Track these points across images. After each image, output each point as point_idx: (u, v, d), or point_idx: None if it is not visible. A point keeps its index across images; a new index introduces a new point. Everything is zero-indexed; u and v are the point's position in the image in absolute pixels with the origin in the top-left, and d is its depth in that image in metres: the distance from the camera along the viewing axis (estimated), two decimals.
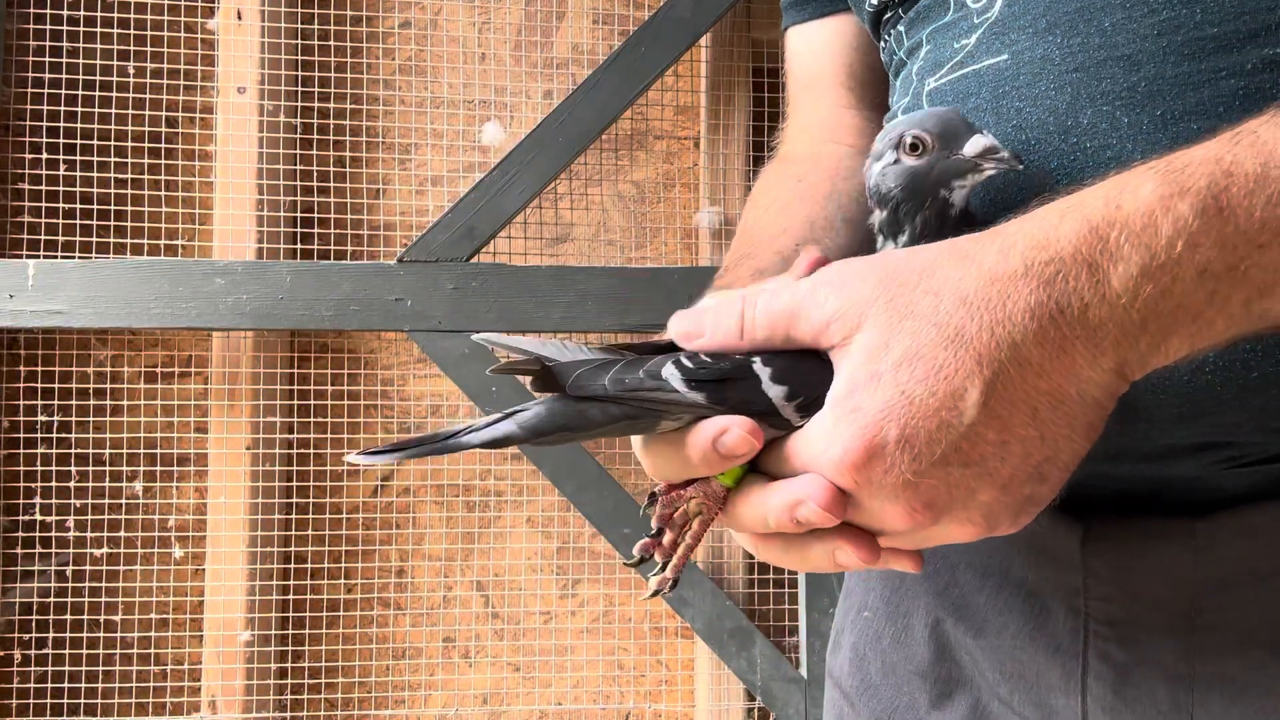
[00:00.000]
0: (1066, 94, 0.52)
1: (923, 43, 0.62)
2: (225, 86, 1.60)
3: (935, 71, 0.60)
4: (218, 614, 1.55)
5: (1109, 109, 0.51)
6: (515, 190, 1.52)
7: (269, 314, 1.49)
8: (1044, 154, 0.53)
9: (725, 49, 1.70)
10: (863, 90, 0.77)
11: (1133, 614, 0.54)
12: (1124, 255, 0.40)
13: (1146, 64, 0.50)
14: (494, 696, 1.66)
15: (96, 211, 1.58)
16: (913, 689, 0.65)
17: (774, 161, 0.79)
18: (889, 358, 0.41)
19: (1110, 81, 0.51)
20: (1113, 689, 0.55)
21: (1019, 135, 0.54)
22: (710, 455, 0.45)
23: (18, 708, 1.55)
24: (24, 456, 1.57)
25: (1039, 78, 0.53)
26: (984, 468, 0.42)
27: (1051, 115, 0.52)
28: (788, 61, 0.83)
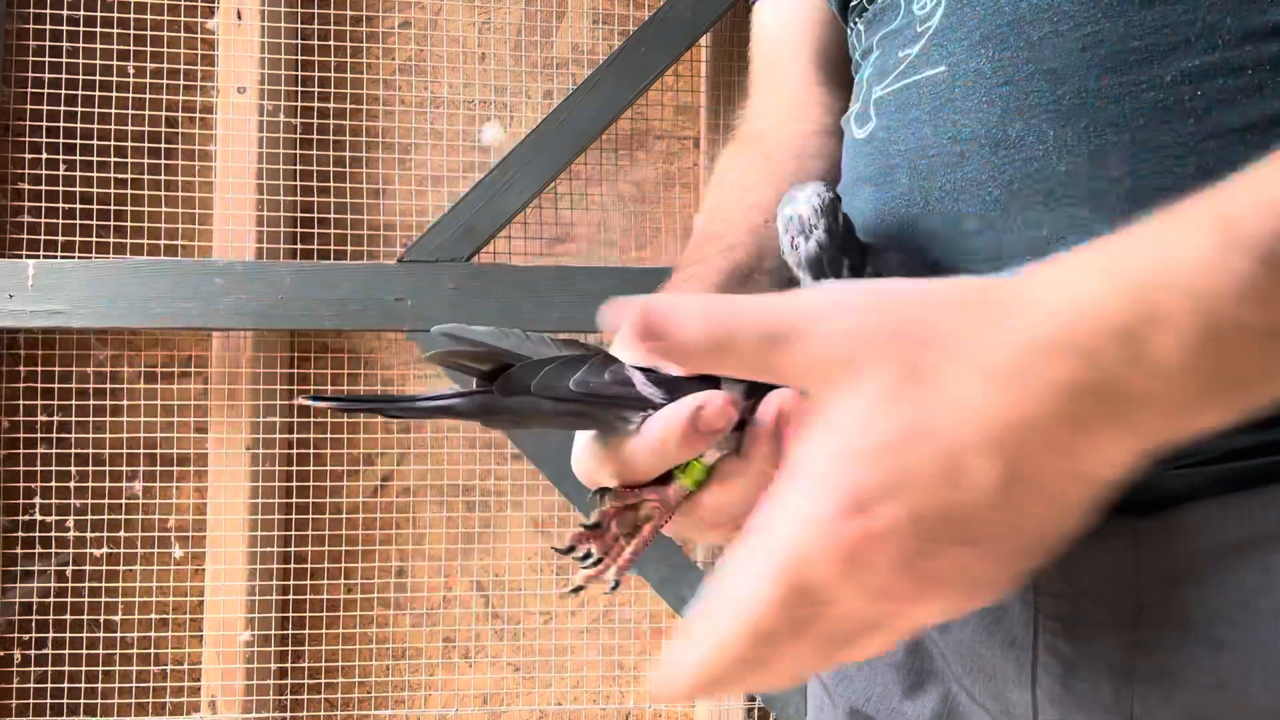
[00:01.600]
0: (997, 107, 0.52)
1: (873, 48, 0.62)
2: (225, 86, 1.60)
3: (882, 80, 0.60)
4: (218, 614, 1.55)
5: (1036, 122, 0.51)
6: (515, 190, 1.52)
7: (269, 314, 1.49)
8: (977, 166, 0.53)
9: (725, 49, 1.70)
10: (832, 68, 0.76)
11: (1080, 610, 0.55)
12: (1177, 324, 0.34)
13: (1071, 77, 0.50)
14: (494, 696, 1.66)
15: (96, 211, 1.58)
16: (887, 679, 0.66)
17: (736, 142, 0.77)
18: (892, 426, 0.36)
19: (1037, 95, 0.51)
20: (1060, 682, 0.55)
21: (954, 148, 0.54)
22: (689, 434, 0.42)
23: (18, 708, 1.55)
24: (24, 456, 1.57)
25: (972, 90, 0.54)
26: (992, 548, 0.37)
27: (984, 128, 0.53)
28: (754, 37, 0.82)
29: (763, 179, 0.70)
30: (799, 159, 0.71)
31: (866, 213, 0.60)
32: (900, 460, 0.36)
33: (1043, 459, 0.36)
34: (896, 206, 0.58)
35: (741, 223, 0.66)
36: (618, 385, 0.43)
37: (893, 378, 0.37)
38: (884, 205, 0.58)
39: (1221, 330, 0.34)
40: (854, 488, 0.36)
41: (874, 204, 0.59)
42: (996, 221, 0.52)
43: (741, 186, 0.70)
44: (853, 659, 0.40)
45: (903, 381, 0.36)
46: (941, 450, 0.36)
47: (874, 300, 0.39)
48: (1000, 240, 0.52)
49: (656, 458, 0.44)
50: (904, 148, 0.57)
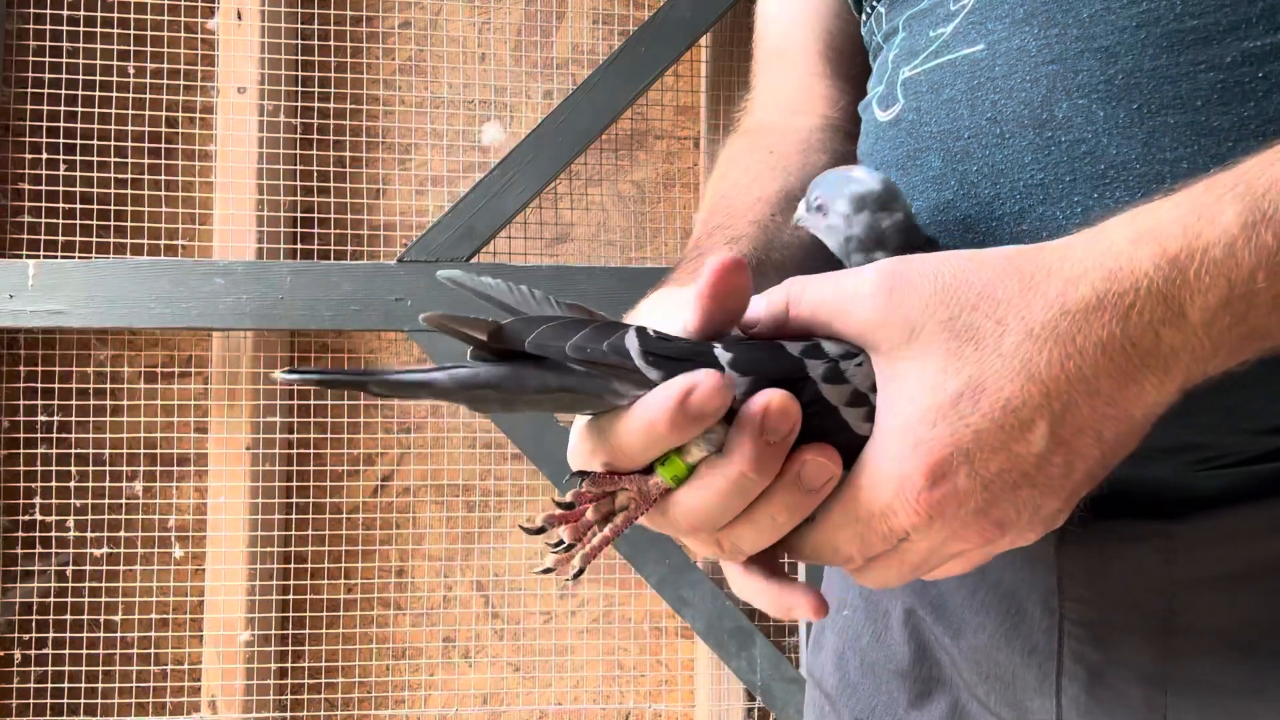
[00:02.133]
0: (1042, 86, 0.51)
1: (899, 29, 0.60)
2: (225, 86, 1.60)
3: (910, 60, 0.58)
4: (218, 614, 1.55)
5: (1085, 102, 0.49)
6: (515, 190, 1.52)
7: (269, 314, 1.49)
8: (1019, 148, 0.51)
9: (725, 49, 1.70)
10: (839, 60, 0.74)
11: (1107, 616, 0.54)
12: (1204, 287, 0.39)
13: (1124, 56, 0.49)
14: (494, 696, 1.66)
15: (96, 211, 1.59)
16: (892, 688, 0.64)
17: (739, 134, 0.75)
18: (948, 388, 0.40)
19: (1087, 74, 0.49)
20: (1087, 690, 0.54)
21: (993, 129, 0.52)
22: (677, 417, 0.40)
23: (18, 708, 1.55)
24: (24, 456, 1.57)
25: (1015, 69, 0.52)
26: (1051, 486, 0.41)
27: (1026, 108, 0.51)
28: (759, 27, 0.80)
29: (767, 172, 0.68)
30: (804, 153, 0.70)
31: None
32: (966, 420, 0.40)
33: (1089, 408, 0.40)
34: (927, 191, 0.56)
35: (746, 215, 0.65)
36: (615, 356, 0.41)
37: (941, 343, 0.40)
38: (912, 189, 0.57)
39: (1245, 295, 0.38)
40: (931, 455, 0.40)
41: (902, 188, 0.57)
42: (1038, 206, 0.51)
43: (746, 180, 0.68)
44: (937, 577, 0.45)
45: (951, 346, 0.40)
46: (1000, 406, 0.39)
47: (918, 272, 0.42)
48: (1041, 226, 0.51)
49: (642, 439, 0.42)
50: (936, 129, 0.55)
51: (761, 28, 0.79)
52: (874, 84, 0.63)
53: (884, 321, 0.41)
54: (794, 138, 0.71)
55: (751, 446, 0.41)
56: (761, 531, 0.44)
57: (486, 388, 0.41)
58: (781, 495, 0.42)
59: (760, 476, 0.41)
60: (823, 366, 0.42)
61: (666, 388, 0.40)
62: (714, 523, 0.43)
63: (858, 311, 0.42)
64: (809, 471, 0.42)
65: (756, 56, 0.79)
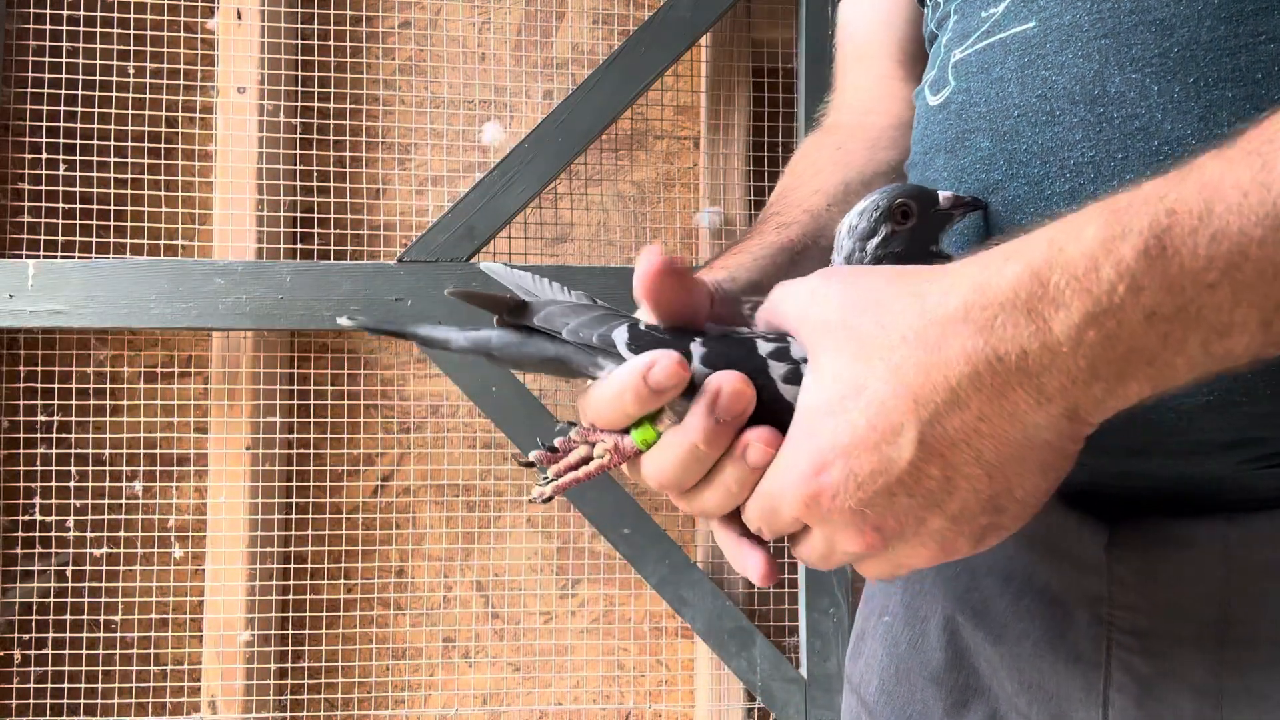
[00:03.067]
0: (1094, 61, 0.50)
1: (950, 14, 0.60)
2: (225, 86, 1.60)
3: (962, 42, 0.58)
4: (218, 614, 1.55)
5: (1138, 76, 0.48)
6: (515, 190, 1.52)
7: (269, 314, 1.49)
8: (1069, 125, 0.50)
9: (725, 49, 1.70)
10: (912, 64, 0.77)
11: (1159, 624, 0.52)
12: (1065, 301, 0.38)
13: (1180, 28, 0.48)
14: (494, 696, 1.66)
15: (96, 211, 1.58)
16: (927, 696, 0.63)
17: (816, 131, 0.79)
18: (840, 385, 0.43)
19: (1141, 47, 0.48)
20: (1136, 702, 0.53)
21: (1044, 105, 0.51)
22: (640, 389, 0.46)
23: (18, 708, 1.55)
24: (24, 456, 1.57)
25: (1066, 45, 0.51)
26: (930, 499, 0.42)
27: (1078, 84, 0.50)
28: (839, 32, 0.83)
29: (831, 166, 0.71)
30: (871, 149, 0.72)
31: (941, 182, 0.58)
32: (848, 416, 0.42)
33: (958, 420, 0.40)
34: (976, 172, 0.55)
35: (801, 204, 0.68)
36: (602, 342, 0.49)
37: (838, 344, 0.43)
38: (961, 172, 0.56)
39: (1107, 310, 0.38)
40: (817, 448, 0.43)
41: (949, 172, 0.57)
42: (1089, 185, 0.50)
43: (809, 173, 0.72)
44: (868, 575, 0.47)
45: (844, 347, 0.43)
46: (874, 406, 0.41)
47: (836, 280, 0.45)
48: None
49: (612, 404, 0.47)
50: (985, 109, 0.55)
51: (841, 33, 0.83)
52: (927, 70, 0.63)
53: (804, 316, 0.45)
54: (863, 135, 0.73)
55: (702, 422, 0.46)
56: (720, 497, 0.48)
57: (495, 349, 0.50)
58: (730, 468, 0.47)
59: (710, 449, 0.46)
60: (784, 368, 0.47)
61: (633, 362, 0.46)
62: (678, 484, 0.48)
63: (791, 309, 0.47)
64: (751, 451, 0.46)
65: (837, 60, 0.83)
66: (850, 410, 0.42)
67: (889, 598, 0.69)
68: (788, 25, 1.68)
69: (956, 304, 0.40)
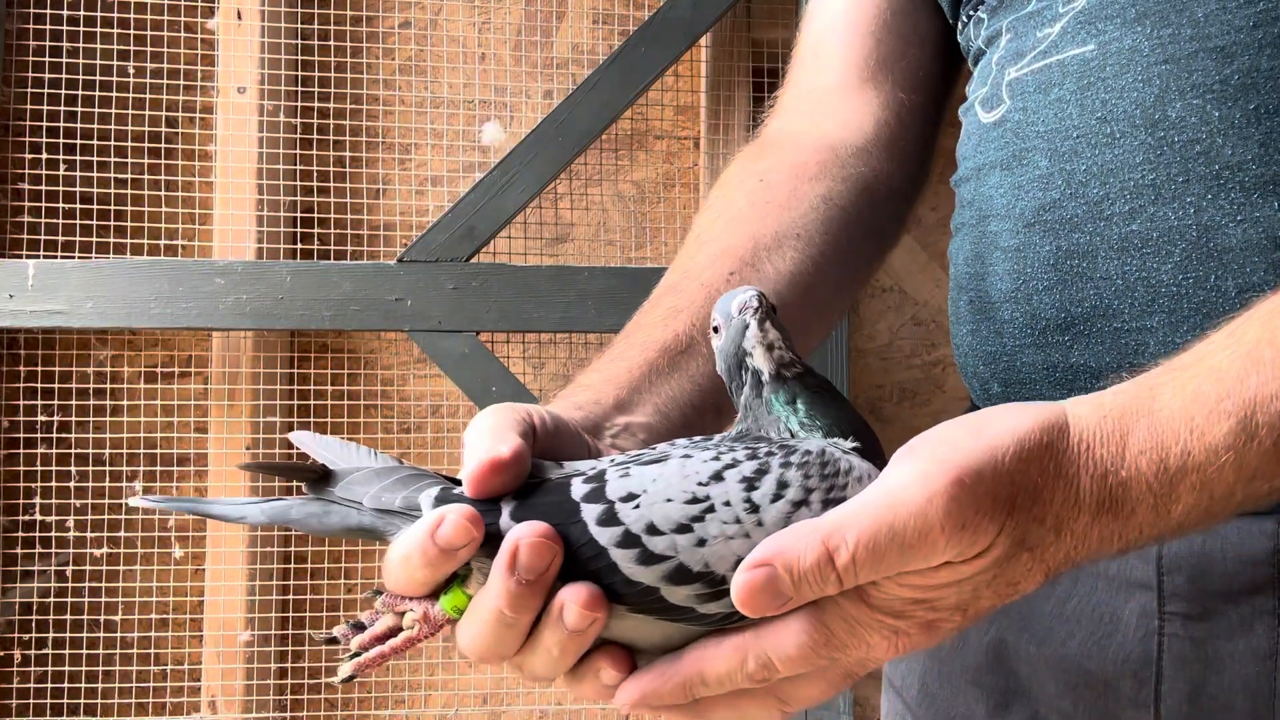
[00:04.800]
0: (1155, 86, 0.50)
1: (1002, 31, 0.60)
2: (225, 86, 1.60)
3: (1016, 61, 0.57)
4: (218, 614, 1.55)
5: (1199, 102, 0.49)
6: (515, 190, 1.52)
7: (269, 314, 1.49)
8: (1130, 148, 0.51)
9: (725, 49, 1.70)
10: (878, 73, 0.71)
11: (1212, 620, 0.52)
12: (1183, 500, 0.41)
13: (1240, 56, 0.48)
14: (494, 696, 1.66)
15: (96, 211, 1.58)
16: (969, 697, 0.63)
17: (751, 145, 0.73)
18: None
19: (1202, 74, 0.49)
20: (1189, 700, 0.53)
21: (1104, 128, 0.52)
22: (428, 549, 0.41)
23: (18, 708, 1.55)
24: (24, 456, 1.57)
25: (1126, 69, 0.51)
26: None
27: (1139, 108, 0.51)
28: (803, 22, 0.76)
29: (748, 208, 0.66)
30: (795, 181, 0.66)
31: (996, 199, 0.58)
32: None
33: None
34: (1032, 190, 0.55)
35: (700, 276, 0.62)
36: (404, 506, 0.46)
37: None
38: (1018, 189, 0.56)
39: (1212, 501, 0.41)
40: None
41: (1005, 189, 0.57)
42: (1149, 207, 0.50)
43: (720, 223, 0.66)
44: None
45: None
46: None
47: (988, 492, 0.42)
48: (1152, 226, 0.50)
49: (405, 570, 0.43)
50: (1043, 129, 0.55)
51: (805, 19, 0.76)
52: (976, 87, 0.62)
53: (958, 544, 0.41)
54: (791, 161, 0.68)
55: (504, 584, 0.41)
56: (545, 664, 0.43)
57: (296, 520, 0.47)
58: (549, 632, 0.42)
59: (518, 614, 0.42)
60: (598, 509, 0.43)
61: (421, 521, 0.43)
62: (499, 653, 0.43)
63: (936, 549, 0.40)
64: (568, 614, 0.41)
65: (795, 50, 0.76)
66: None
67: None
68: (788, 25, 1.68)
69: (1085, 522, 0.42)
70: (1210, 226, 0.48)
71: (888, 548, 0.39)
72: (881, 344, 1.75)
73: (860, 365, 1.74)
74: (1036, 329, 0.55)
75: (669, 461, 0.46)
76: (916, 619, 0.41)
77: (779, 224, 0.64)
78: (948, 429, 0.42)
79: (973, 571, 0.40)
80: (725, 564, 0.42)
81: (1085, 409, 0.41)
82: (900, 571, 0.40)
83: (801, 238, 0.64)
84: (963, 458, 0.39)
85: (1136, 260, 0.50)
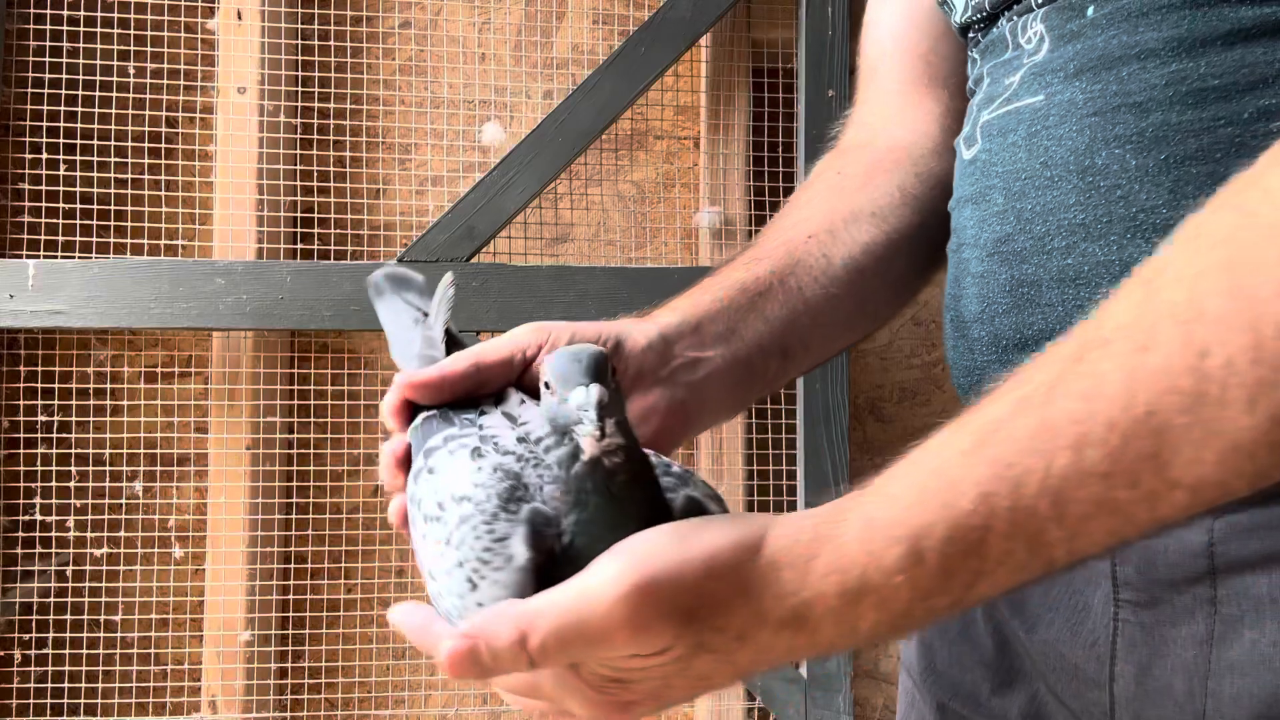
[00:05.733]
0: (1086, 136, 0.56)
1: (984, 75, 0.66)
2: (225, 86, 1.60)
3: (988, 105, 0.63)
4: (218, 614, 1.55)
5: (1120, 151, 0.55)
6: (515, 190, 1.52)
7: (269, 314, 1.49)
8: (1065, 190, 0.57)
9: (725, 49, 1.70)
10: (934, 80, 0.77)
11: (1156, 606, 0.55)
12: (869, 618, 0.45)
13: (1155, 111, 0.54)
14: (494, 696, 1.66)
15: (96, 211, 1.58)
16: (976, 676, 0.67)
17: (828, 154, 0.79)
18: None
19: (1123, 126, 0.55)
20: (1136, 681, 0.56)
21: (1045, 172, 0.58)
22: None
23: (18, 708, 1.55)
24: (24, 456, 1.57)
25: (1065, 119, 0.57)
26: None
27: (1073, 155, 0.56)
28: (862, 43, 0.82)
29: (824, 194, 0.73)
30: (869, 173, 0.73)
31: (968, 229, 0.64)
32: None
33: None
34: (992, 224, 0.61)
35: (780, 237, 0.70)
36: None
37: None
38: (982, 223, 0.62)
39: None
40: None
41: (974, 221, 0.63)
42: (1081, 243, 0.56)
43: (802, 201, 0.73)
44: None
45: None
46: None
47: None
48: (1084, 260, 0.56)
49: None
50: (1001, 170, 0.61)
51: (863, 39, 0.83)
52: (965, 125, 0.68)
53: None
54: (865, 159, 0.75)
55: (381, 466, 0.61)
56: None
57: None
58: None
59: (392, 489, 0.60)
60: (417, 465, 0.55)
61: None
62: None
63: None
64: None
65: (859, 67, 0.83)
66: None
67: None
68: (788, 25, 1.68)
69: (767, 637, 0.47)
70: (1130, 262, 0.53)
71: (574, 638, 0.44)
72: (881, 344, 1.75)
73: (860, 365, 1.74)
74: (999, 347, 0.61)
75: (458, 451, 0.52)
76: (611, 696, 0.47)
77: (855, 203, 0.71)
78: (658, 533, 0.45)
79: (657, 663, 0.45)
80: (434, 566, 0.51)
81: (783, 531, 0.45)
82: (593, 657, 0.45)
83: (877, 215, 0.71)
84: (654, 565, 0.44)
85: (1073, 290, 0.56)
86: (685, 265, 1.68)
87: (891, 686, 1.76)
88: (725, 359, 0.64)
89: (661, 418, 0.62)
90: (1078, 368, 0.41)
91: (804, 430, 1.57)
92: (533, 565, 0.46)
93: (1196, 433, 0.39)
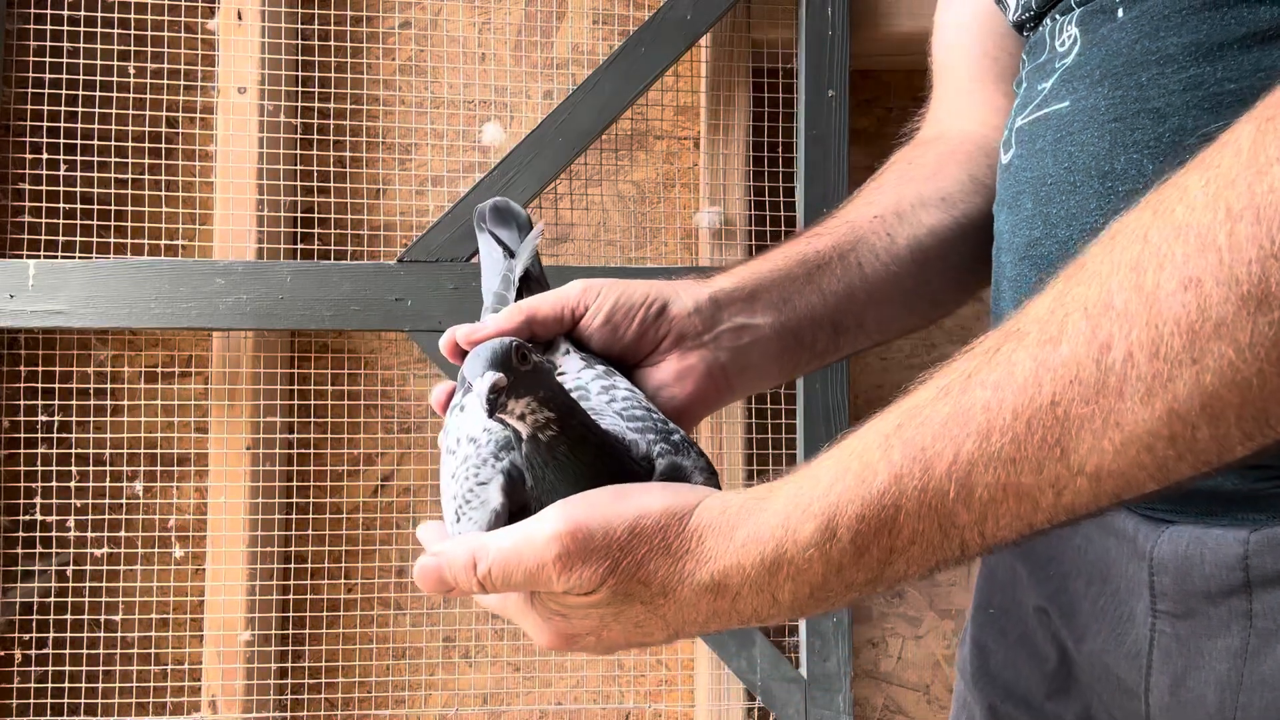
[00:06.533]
0: (1106, 141, 0.56)
1: (1022, 81, 0.67)
2: (225, 86, 1.60)
3: (1023, 110, 0.64)
4: (218, 614, 1.55)
5: (1138, 157, 0.55)
6: (515, 190, 1.52)
7: (269, 314, 1.49)
8: (1087, 195, 0.57)
9: (725, 49, 1.70)
10: (1000, 75, 0.79)
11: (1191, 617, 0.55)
12: (785, 590, 0.49)
13: (1172, 116, 0.54)
14: (494, 696, 1.66)
15: (96, 211, 1.58)
16: (1032, 682, 0.68)
17: (904, 148, 0.81)
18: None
19: (1141, 131, 0.55)
20: (1170, 692, 0.56)
21: (1069, 177, 0.58)
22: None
23: (18, 708, 1.55)
24: (24, 456, 1.57)
25: (1088, 125, 0.58)
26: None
27: (1094, 160, 0.57)
28: (933, 46, 0.85)
29: (894, 181, 0.75)
30: (939, 163, 0.75)
31: (1004, 234, 0.65)
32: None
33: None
34: (1023, 229, 0.62)
35: (845, 215, 0.72)
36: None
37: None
38: (1014, 227, 0.63)
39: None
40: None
41: (1008, 226, 0.64)
42: None
43: (869, 189, 0.76)
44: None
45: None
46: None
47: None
48: None
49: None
50: (1031, 175, 0.61)
51: (933, 45, 0.85)
52: (1004, 130, 0.69)
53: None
54: (936, 150, 0.77)
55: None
56: None
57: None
58: None
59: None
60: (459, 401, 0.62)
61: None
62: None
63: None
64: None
65: (931, 70, 0.85)
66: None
67: (992, 593, 0.74)
68: (788, 25, 1.68)
69: (705, 581, 0.52)
70: None
71: (514, 569, 0.51)
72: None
73: (860, 365, 1.74)
74: None
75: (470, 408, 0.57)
76: (556, 625, 0.54)
77: (924, 189, 0.73)
78: (601, 491, 0.51)
79: (590, 604, 0.51)
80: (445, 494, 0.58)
81: (715, 503, 0.50)
82: (534, 589, 0.52)
83: (947, 200, 0.73)
84: (585, 515, 0.50)
85: None
86: (685, 265, 1.68)
87: (891, 686, 1.76)
88: (774, 327, 0.67)
89: (698, 380, 0.65)
90: (995, 358, 0.43)
91: (804, 430, 1.57)
92: (505, 510, 0.54)
93: (1097, 422, 0.40)
